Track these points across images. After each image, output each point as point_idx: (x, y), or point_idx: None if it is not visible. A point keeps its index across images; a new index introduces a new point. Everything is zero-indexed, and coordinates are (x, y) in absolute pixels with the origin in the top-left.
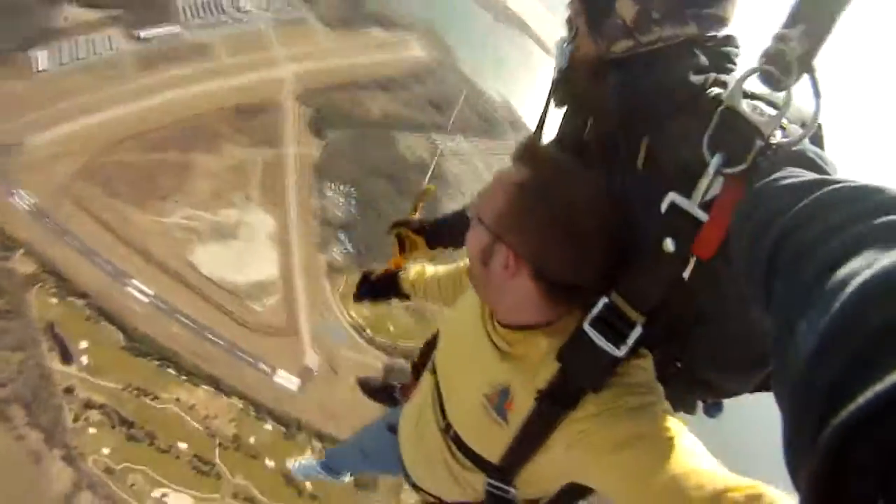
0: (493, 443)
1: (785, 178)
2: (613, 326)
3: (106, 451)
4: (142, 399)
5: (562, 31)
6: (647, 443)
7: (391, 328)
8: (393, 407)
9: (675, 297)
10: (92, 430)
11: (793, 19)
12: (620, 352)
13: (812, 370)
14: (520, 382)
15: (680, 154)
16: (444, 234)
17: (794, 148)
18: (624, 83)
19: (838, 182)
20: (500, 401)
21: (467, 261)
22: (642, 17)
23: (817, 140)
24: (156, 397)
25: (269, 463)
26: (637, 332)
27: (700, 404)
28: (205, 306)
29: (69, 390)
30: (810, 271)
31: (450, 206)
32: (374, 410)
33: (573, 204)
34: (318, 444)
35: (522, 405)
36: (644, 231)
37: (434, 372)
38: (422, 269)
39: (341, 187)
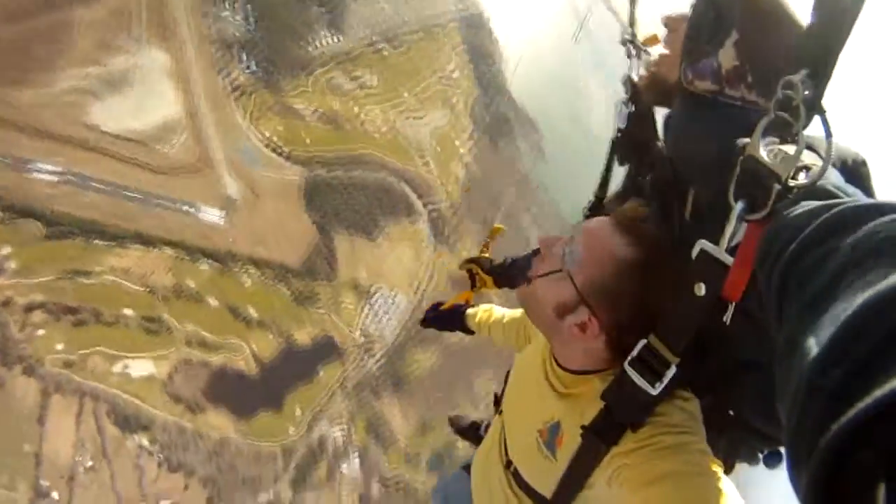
0: (545, 478)
1: (798, 211)
2: (651, 366)
3: (59, 346)
4: (77, 280)
5: None
6: (678, 480)
7: (307, 140)
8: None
9: (719, 343)
10: (40, 332)
11: (796, 64)
12: (655, 390)
13: (816, 377)
14: (569, 419)
15: (718, 205)
16: (512, 276)
17: (815, 186)
18: (686, 118)
19: (842, 205)
20: (550, 436)
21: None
22: (737, 73)
23: (858, 176)
24: (90, 273)
25: (213, 302)
26: (672, 371)
27: (760, 456)
28: (115, 165)
29: (6, 303)
30: (814, 290)
31: (355, 7)
32: (300, 225)
33: (667, 287)
34: (255, 272)
35: (571, 441)
36: None
37: (502, 412)
38: (490, 310)
39: (236, 4)
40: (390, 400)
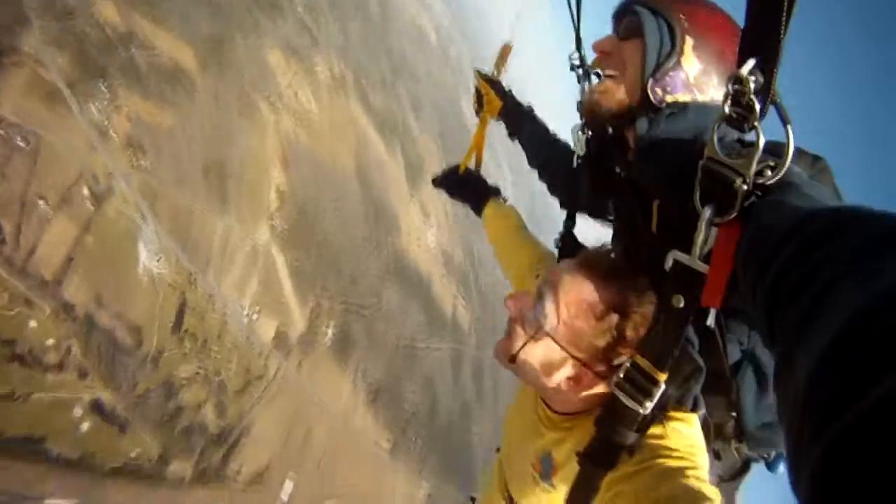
0: None
1: (773, 219)
2: (639, 385)
3: None
4: None
5: None
6: None
7: None
8: None
9: (708, 351)
10: None
11: (742, 56)
12: (646, 409)
13: (814, 383)
14: (562, 449)
15: (686, 214)
16: (519, 120)
17: (780, 181)
18: (653, 131)
19: (822, 217)
20: (543, 468)
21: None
22: (703, 77)
23: (817, 176)
24: None
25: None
26: (661, 389)
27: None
28: None
29: None
30: (807, 302)
31: None
32: None
33: (648, 316)
34: None
35: (568, 470)
36: None
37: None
38: (511, 217)
39: None
40: None
